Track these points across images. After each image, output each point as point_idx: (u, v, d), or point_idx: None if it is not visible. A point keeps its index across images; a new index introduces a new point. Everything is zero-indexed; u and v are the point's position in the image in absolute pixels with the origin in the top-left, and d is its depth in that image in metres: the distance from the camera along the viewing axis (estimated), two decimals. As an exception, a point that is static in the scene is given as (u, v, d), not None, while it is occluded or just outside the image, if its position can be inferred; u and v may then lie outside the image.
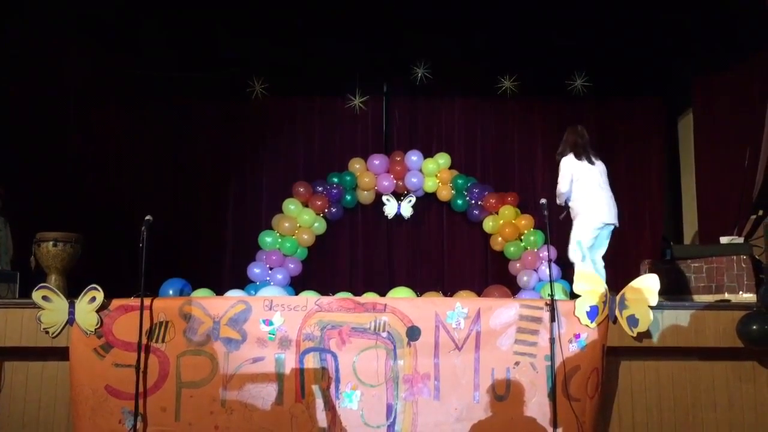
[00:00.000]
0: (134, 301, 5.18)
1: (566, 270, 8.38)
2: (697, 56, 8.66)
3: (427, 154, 9.31)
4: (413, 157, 9.20)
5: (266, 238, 8.84)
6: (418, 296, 7.06)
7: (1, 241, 7.06)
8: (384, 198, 9.26)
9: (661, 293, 5.43)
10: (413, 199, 9.27)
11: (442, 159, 9.27)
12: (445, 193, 9.26)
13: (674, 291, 6.83)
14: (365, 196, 9.27)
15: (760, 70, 7.58)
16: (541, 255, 8.76)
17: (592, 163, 6.21)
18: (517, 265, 8.98)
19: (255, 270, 8.64)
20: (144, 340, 5.10)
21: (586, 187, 6.18)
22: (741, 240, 7.25)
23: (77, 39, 8.21)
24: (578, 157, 6.25)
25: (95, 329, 5.16)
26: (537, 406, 5.20)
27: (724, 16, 7.70)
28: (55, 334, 5.23)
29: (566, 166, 6.27)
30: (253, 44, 8.83)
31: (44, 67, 7.93)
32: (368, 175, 9.19)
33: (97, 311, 5.17)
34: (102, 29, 8.21)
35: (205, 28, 8.47)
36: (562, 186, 6.30)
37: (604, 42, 8.69)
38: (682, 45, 8.63)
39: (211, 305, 5.30)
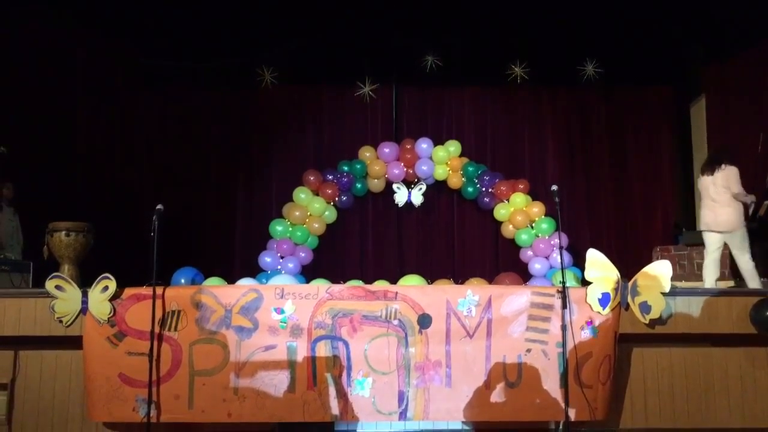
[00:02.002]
0: (146, 290, 5.19)
1: (578, 257, 8.37)
2: (708, 42, 8.59)
3: (438, 141, 9.29)
4: (423, 144, 9.18)
5: (277, 227, 8.86)
6: (429, 284, 7.06)
7: (12, 231, 7.12)
8: (394, 186, 9.25)
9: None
10: (424, 187, 9.25)
11: (453, 147, 9.24)
12: (455, 181, 9.24)
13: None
14: (375, 185, 9.26)
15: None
16: (552, 242, 8.74)
17: (710, 174, 6.62)
18: (529, 252, 8.96)
19: (266, 259, 8.67)
20: (156, 329, 5.11)
21: (702, 199, 6.77)
22: (754, 226, 7.19)
23: (85, 30, 8.22)
24: (701, 173, 6.76)
25: (108, 318, 5.18)
26: (549, 392, 5.18)
27: (735, 1, 7.63)
28: (68, 324, 5.26)
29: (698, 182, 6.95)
30: (262, 33, 8.83)
31: (53, 58, 7.96)
32: (378, 163, 9.18)
33: (110, 300, 5.18)
34: (109, 20, 8.22)
35: (214, 17, 8.46)
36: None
37: (615, 29, 8.65)
38: (694, 31, 8.57)
39: (222, 294, 5.31)
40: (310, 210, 8.94)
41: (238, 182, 9.47)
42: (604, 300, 5.26)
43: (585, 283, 5.41)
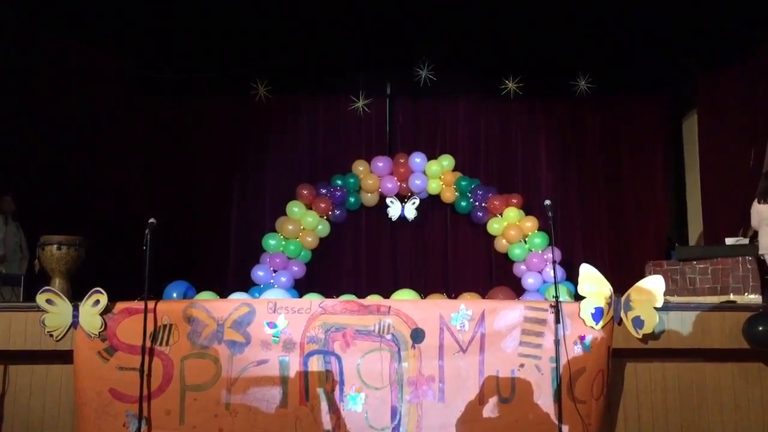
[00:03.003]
0: (138, 304, 5.17)
1: (571, 272, 8.37)
2: (701, 56, 8.64)
3: (431, 155, 9.30)
4: (417, 159, 9.19)
5: (270, 241, 8.84)
6: (422, 298, 7.04)
7: (16, 245, 7.12)
8: (388, 200, 9.26)
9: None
10: (417, 201, 9.26)
11: (446, 161, 9.26)
12: (448, 195, 9.25)
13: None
14: (369, 199, 9.26)
15: (766, 70, 7.56)
16: (545, 257, 8.74)
17: None
18: (522, 266, 8.96)
19: (259, 272, 8.64)
20: (148, 343, 5.08)
21: (763, 227, 6.57)
22: (746, 241, 7.21)
23: (80, 40, 8.21)
24: (759, 201, 6.63)
25: (99, 332, 5.15)
26: (542, 407, 5.17)
27: (728, 14, 7.68)
28: (59, 338, 5.22)
29: (752, 210, 6.74)
30: (256, 46, 8.84)
31: (46, 68, 7.94)
32: (372, 177, 9.18)
33: (101, 314, 5.15)
34: (105, 30, 8.21)
35: (209, 29, 8.46)
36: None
37: (607, 42, 8.67)
38: (687, 45, 8.61)
39: (214, 308, 5.29)
40: (304, 224, 8.92)
41: (231, 196, 9.45)
42: (597, 315, 5.26)
43: (578, 297, 5.41)
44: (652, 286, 5.36)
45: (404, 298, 6.87)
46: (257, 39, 8.72)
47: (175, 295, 6.96)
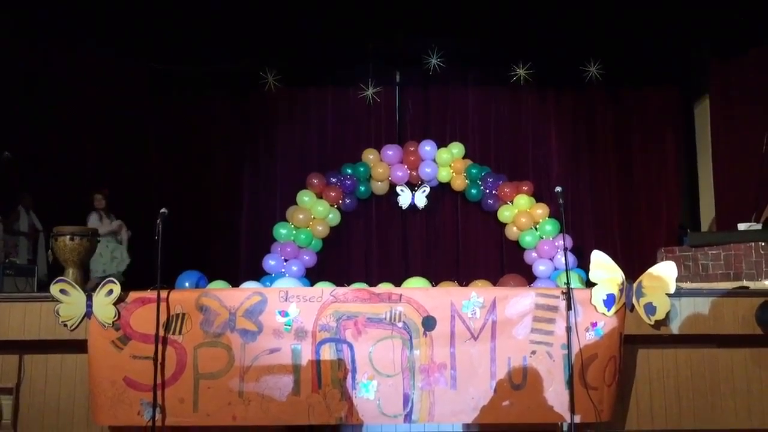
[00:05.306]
0: (151, 294, 5.19)
1: (582, 258, 8.36)
2: (713, 42, 8.56)
3: (441, 143, 9.29)
4: (427, 147, 9.18)
5: (281, 230, 8.86)
6: (433, 286, 7.05)
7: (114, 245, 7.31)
8: (398, 188, 9.25)
9: None
10: (427, 189, 9.25)
11: (456, 149, 9.24)
12: (459, 183, 9.24)
13: None
14: (379, 187, 9.26)
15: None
16: (556, 244, 8.72)
17: None
18: (533, 254, 8.94)
19: (270, 262, 8.67)
20: (161, 332, 5.11)
21: None
22: (759, 226, 7.16)
23: (91, 35, 8.24)
24: None
25: (113, 322, 5.18)
26: (554, 394, 5.18)
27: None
28: (73, 327, 5.26)
29: None
30: (265, 36, 8.82)
31: (59, 64, 7.99)
32: (382, 165, 9.18)
33: (115, 304, 5.19)
34: (114, 24, 8.23)
35: (218, 20, 8.46)
36: None
37: (618, 29, 8.61)
38: (698, 31, 8.54)
39: (227, 297, 5.31)
40: (314, 213, 8.94)
41: (242, 185, 9.47)
42: (609, 301, 5.25)
43: (589, 284, 5.40)
44: (665, 272, 5.34)
45: (415, 285, 6.88)
46: (266, 29, 8.70)
47: (187, 284, 7.01)
